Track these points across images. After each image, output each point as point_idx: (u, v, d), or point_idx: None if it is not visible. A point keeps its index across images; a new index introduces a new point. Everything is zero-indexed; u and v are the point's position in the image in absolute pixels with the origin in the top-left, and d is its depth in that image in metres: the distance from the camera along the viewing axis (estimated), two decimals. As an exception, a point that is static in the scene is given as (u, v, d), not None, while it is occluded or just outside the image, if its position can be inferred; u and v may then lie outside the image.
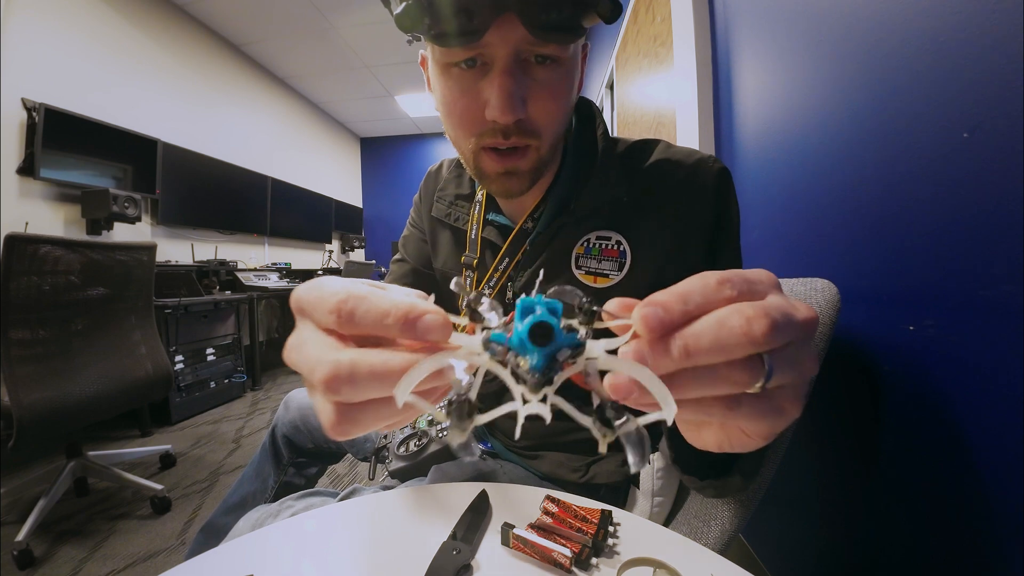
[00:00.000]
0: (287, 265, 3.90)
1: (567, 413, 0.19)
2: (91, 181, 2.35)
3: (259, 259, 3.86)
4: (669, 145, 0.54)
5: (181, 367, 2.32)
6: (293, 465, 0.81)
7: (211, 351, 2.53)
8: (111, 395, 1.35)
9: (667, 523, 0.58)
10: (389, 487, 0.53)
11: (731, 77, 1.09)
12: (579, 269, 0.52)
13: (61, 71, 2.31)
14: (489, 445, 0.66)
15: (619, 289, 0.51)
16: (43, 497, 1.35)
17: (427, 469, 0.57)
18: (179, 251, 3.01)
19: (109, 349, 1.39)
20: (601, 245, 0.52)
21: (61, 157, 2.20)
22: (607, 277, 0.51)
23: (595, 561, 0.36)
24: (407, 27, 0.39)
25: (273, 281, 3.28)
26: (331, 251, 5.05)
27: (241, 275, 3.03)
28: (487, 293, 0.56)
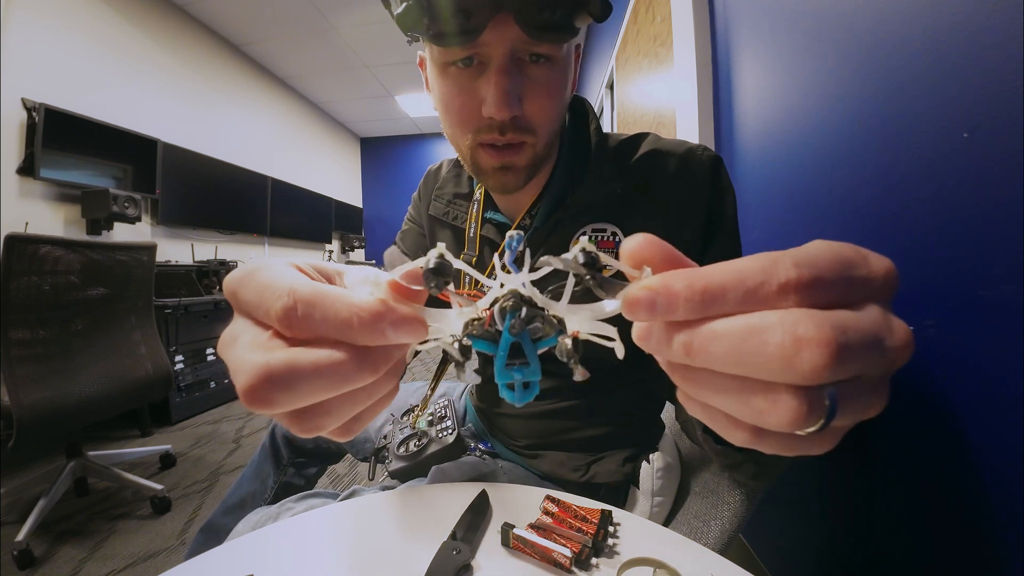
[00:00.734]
0: (287, 265, 3.90)
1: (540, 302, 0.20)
2: (91, 181, 2.35)
3: (259, 259, 3.86)
4: (658, 137, 0.55)
5: (181, 367, 2.31)
6: (293, 465, 0.81)
7: (211, 351, 2.53)
8: (111, 395, 1.35)
9: (667, 523, 0.58)
10: (389, 487, 0.53)
11: (731, 77, 1.09)
12: None
13: (61, 71, 2.31)
14: (489, 445, 0.66)
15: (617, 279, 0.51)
16: (43, 497, 1.35)
17: (427, 469, 0.57)
18: (179, 251, 3.01)
19: (109, 349, 1.39)
20: (597, 237, 0.52)
21: (61, 157, 2.20)
22: (605, 268, 0.51)
23: (595, 561, 0.36)
24: (407, 27, 0.41)
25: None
26: (331, 251, 5.04)
27: (241, 275, 3.02)
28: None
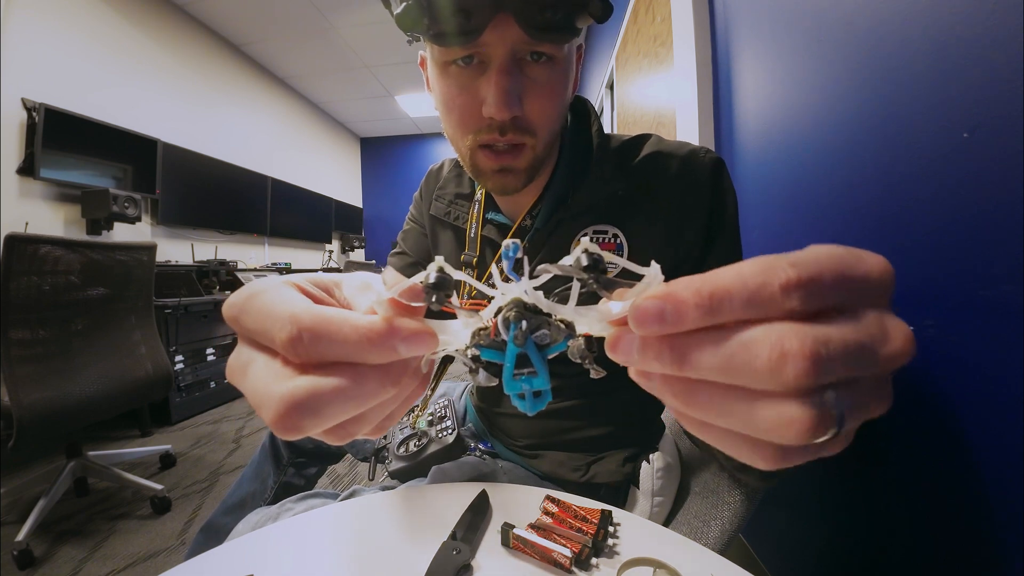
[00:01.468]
0: (287, 265, 3.90)
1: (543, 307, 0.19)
2: (91, 181, 2.35)
3: (259, 259, 3.86)
4: (661, 139, 0.54)
5: (181, 367, 2.31)
6: (293, 465, 0.81)
7: (211, 351, 2.53)
8: (111, 395, 1.35)
9: (667, 523, 0.58)
10: (389, 487, 0.53)
11: (731, 77, 1.09)
12: None
13: (61, 71, 2.31)
14: (489, 445, 0.66)
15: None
16: (43, 497, 1.35)
17: (427, 469, 0.57)
18: (179, 251, 3.01)
19: (109, 349, 1.39)
20: (599, 239, 0.52)
21: (61, 157, 2.20)
22: (609, 269, 0.51)
23: (595, 561, 0.36)
24: (407, 27, 0.40)
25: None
26: (331, 251, 5.05)
27: (241, 275, 3.03)
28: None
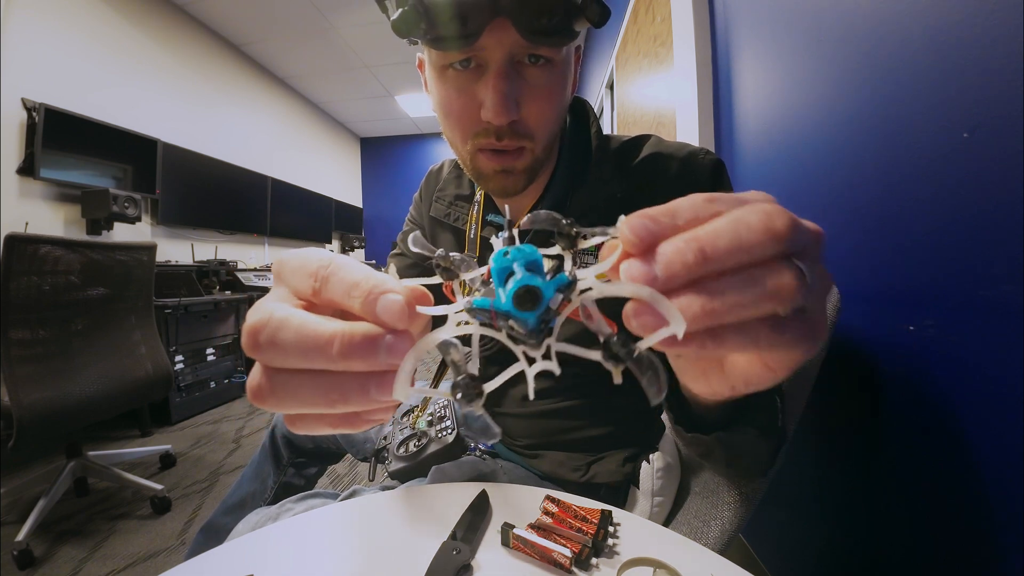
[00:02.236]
0: (287, 265, 3.90)
1: (576, 355, 0.17)
2: (91, 181, 2.35)
3: (259, 259, 3.86)
4: (660, 140, 0.54)
5: (181, 367, 2.31)
6: (293, 465, 0.81)
7: (211, 351, 2.53)
8: (111, 395, 1.34)
9: (667, 523, 0.58)
10: (389, 488, 0.53)
11: (731, 77, 1.09)
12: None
13: (61, 71, 2.31)
14: (489, 445, 0.66)
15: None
16: (43, 497, 1.34)
17: (427, 469, 0.57)
18: (179, 251, 3.01)
19: (109, 349, 1.39)
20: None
21: (61, 157, 2.20)
22: (603, 273, 0.51)
23: (595, 561, 0.36)
24: (404, 32, 0.40)
25: (273, 281, 3.27)
26: (331, 251, 5.05)
27: (241, 275, 3.02)
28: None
